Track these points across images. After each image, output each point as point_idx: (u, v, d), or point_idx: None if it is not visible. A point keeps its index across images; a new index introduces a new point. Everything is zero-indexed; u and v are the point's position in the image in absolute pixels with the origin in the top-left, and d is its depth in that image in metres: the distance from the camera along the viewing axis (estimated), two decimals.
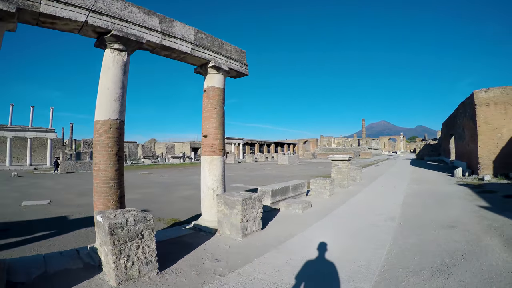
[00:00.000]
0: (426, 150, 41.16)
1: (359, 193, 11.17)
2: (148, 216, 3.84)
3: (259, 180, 17.48)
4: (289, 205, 8.13)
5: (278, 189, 8.77)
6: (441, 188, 12.04)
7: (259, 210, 6.06)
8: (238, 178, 19.41)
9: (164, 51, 5.51)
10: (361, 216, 7.40)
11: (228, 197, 5.72)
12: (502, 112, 14.72)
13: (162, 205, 10.07)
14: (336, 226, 6.58)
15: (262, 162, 43.66)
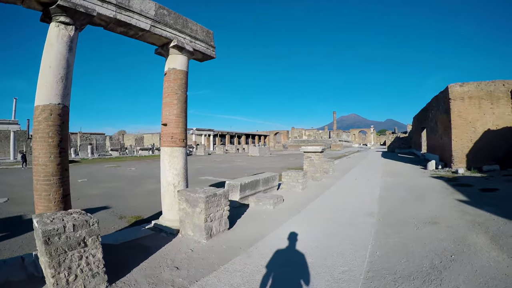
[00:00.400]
0: (397, 143, 42.57)
1: (333, 186, 10.88)
2: (91, 220, 3.27)
3: (229, 173, 17.07)
4: (260, 200, 7.61)
5: (247, 183, 8.21)
6: (416, 181, 12.09)
7: (225, 208, 5.53)
8: (207, 170, 18.94)
9: (119, 28, 4.93)
10: (337, 212, 7.00)
11: (190, 193, 5.13)
12: (476, 107, 15.12)
13: (126, 200, 9.41)
14: (311, 223, 6.11)
15: (233, 154, 43.35)
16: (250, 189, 8.30)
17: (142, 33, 5.23)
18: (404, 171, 15.86)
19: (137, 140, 50.88)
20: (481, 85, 15.18)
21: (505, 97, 15.02)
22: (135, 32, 5.20)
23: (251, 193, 8.29)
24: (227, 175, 15.14)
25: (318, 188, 10.33)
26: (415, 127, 33.64)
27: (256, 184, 8.61)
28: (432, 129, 21.68)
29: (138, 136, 52.48)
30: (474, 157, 14.92)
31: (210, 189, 5.48)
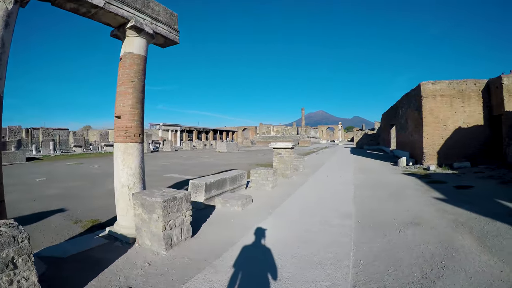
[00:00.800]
0: (365, 139, 43.70)
1: (304, 184, 10.52)
2: (20, 235, 2.61)
3: (195, 170, 16.47)
4: (227, 201, 7.04)
5: (213, 182, 7.60)
6: (388, 177, 12.09)
7: (187, 212, 4.90)
8: (173, 167, 18.29)
9: (69, 3, 4.28)
10: (312, 213, 6.56)
11: (146, 197, 4.51)
12: (448, 105, 15.56)
13: (85, 201, 8.54)
14: (284, 227, 5.59)
15: (200, 150, 42.89)
16: (216, 188, 7.71)
17: (95, 10, 4.56)
18: (375, 168, 15.99)
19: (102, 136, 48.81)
20: (453, 84, 15.63)
21: (476, 96, 15.56)
22: (87, 10, 4.54)
23: (218, 193, 7.71)
24: (194, 173, 14.73)
25: (289, 186, 9.91)
26: (384, 124, 34.61)
27: (222, 183, 8.02)
28: (402, 126, 22.23)
29: (103, 132, 50.31)
30: (445, 154, 15.33)
31: (169, 192, 4.83)
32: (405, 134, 20.85)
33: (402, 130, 22.06)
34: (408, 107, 19.70)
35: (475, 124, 15.46)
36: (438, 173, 13.22)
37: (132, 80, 5.21)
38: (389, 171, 14.52)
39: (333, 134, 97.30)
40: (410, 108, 18.77)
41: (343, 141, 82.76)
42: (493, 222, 5.64)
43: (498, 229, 5.26)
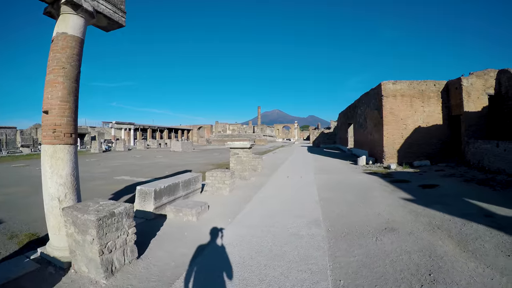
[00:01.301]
0: (322, 138, 44.66)
1: (265, 186, 9.99)
2: None
3: (148, 171, 15.83)
4: (180, 209, 6.26)
5: (164, 188, 6.76)
6: (351, 177, 11.98)
7: (129, 230, 4.10)
8: (125, 168, 17.42)
9: None
10: (276, 221, 6.00)
11: (78, 214, 3.73)
12: (408, 104, 16.08)
13: (26, 211, 7.44)
14: (247, 241, 4.94)
15: (155, 149, 43.03)
16: (167, 195, 6.87)
17: None
18: (335, 167, 15.98)
19: None
20: (413, 84, 16.19)
21: (435, 96, 16.25)
22: None
23: (170, 200, 6.90)
24: (146, 174, 14.18)
25: (248, 189, 9.31)
26: (341, 123, 35.49)
27: (175, 188, 7.19)
28: (360, 125, 22.75)
29: None
30: (405, 152, 15.78)
31: (106, 206, 3.99)
32: (364, 133, 21.33)
33: (361, 129, 22.57)
34: (367, 106, 20.15)
35: (434, 124, 16.13)
36: (400, 172, 13.47)
37: (64, 67, 4.37)
38: (350, 170, 14.54)
39: (289, 133, 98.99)
40: (370, 107, 19.19)
41: (299, 139, 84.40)
42: (469, 224, 5.59)
43: (476, 231, 5.19)
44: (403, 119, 15.96)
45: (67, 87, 4.40)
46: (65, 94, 4.37)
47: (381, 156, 16.28)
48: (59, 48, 4.42)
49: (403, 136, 15.91)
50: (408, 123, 15.97)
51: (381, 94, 16.15)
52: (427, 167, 14.54)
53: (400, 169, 14.26)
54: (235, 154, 10.97)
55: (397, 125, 15.93)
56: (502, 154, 11.69)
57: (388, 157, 15.86)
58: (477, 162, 13.39)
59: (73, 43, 4.49)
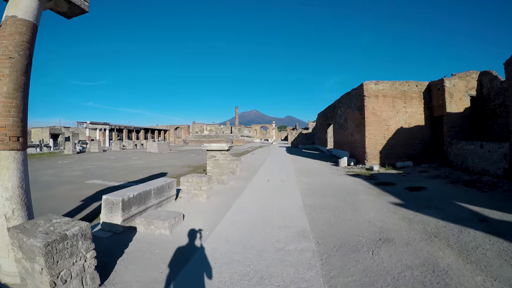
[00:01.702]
0: (300, 138, 44.47)
1: (244, 191, 9.40)
2: None
3: (122, 174, 15.18)
4: (151, 221, 5.59)
5: (133, 197, 6.02)
6: (334, 180, 11.58)
7: (88, 255, 3.43)
8: (98, 171, 16.70)
9: None
10: (259, 233, 5.43)
11: (23, 237, 3.07)
12: (390, 105, 15.97)
13: None
14: (228, 259, 4.35)
15: (130, 150, 42.50)
16: (137, 205, 6.13)
17: None
18: (316, 169, 15.58)
19: None
20: (395, 85, 16.11)
21: (417, 97, 16.25)
22: None
23: (140, 210, 6.17)
24: (120, 178, 13.62)
25: (227, 195, 8.71)
26: (320, 124, 35.37)
27: (146, 197, 6.47)
28: (341, 126, 22.57)
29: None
30: (387, 153, 15.65)
31: (59, 225, 3.32)
32: (344, 134, 21.14)
33: (341, 129, 22.40)
34: (348, 106, 19.96)
35: (416, 125, 16.12)
36: (383, 174, 13.25)
37: (11, 57, 3.75)
38: (332, 172, 14.17)
39: (266, 133, 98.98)
40: (351, 108, 18.98)
41: (277, 140, 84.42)
42: (466, 230, 5.33)
43: (475, 238, 4.93)
44: (385, 120, 15.82)
45: (14, 80, 3.74)
46: (11, 90, 3.70)
47: (363, 157, 16.07)
48: (6, 34, 3.82)
49: (385, 137, 15.78)
50: (390, 124, 15.86)
51: (363, 95, 15.94)
52: (410, 168, 14.43)
53: (383, 171, 14.07)
54: (212, 156, 10.33)
55: (379, 125, 15.77)
56: (487, 155, 11.66)
57: (370, 158, 15.67)
58: (460, 163, 13.41)
59: (23, 29, 3.87)
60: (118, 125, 60.17)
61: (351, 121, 18.87)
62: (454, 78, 14.98)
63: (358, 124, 17.19)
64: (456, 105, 14.83)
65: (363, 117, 16.03)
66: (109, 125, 56.02)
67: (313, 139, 43.51)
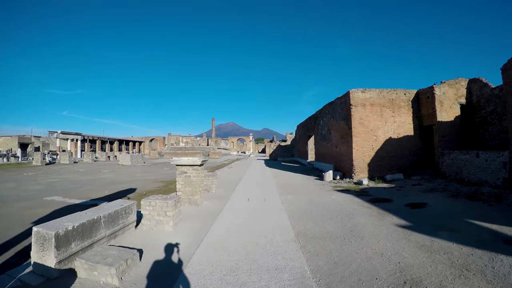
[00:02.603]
0: (279, 151, 43.31)
1: (221, 214, 7.97)
2: None
3: (87, 189, 13.93)
4: (94, 265, 4.13)
5: (74, 230, 4.48)
6: (324, 198, 10.34)
7: None
8: (62, 186, 15.41)
9: None
10: (244, 283, 4.01)
11: None
12: (378, 114, 15.12)
13: None
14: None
15: (102, 162, 40.91)
16: (80, 239, 4.58)
17: None
18: (300, 184, 14.32)
19: None
20: (383, 93, 15.32)
21: (406, 105, 15.53)
22: None
23: (84, 246, 4.63)
24: (83, 194, 12.43)
25: (200, 220, 7.24)
26: (300, 135, 34.41)
27: (93, 227, 4.92)
28: (323, 137, 21.53)
29: None
30: (376, 166, 14.73)
31: None
32: (327, 146, 20.10)
33: (324, 141, 21.35)
34: (331, 116, 18.96)
35: (405, 135, 15.35)
36: (374, 188, 12.25)
37: None
38: (319, 188, 12.93)
39: (243, 145, 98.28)
40: (335, 118, 17.98)
41: (254, 152, 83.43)
42: (497, 257, 4.51)
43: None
44: (373, 130, 14.91)
45: None
46: None
47: (350, 170, 15.01)
48: None
49: (374, 148, 14.84)
50: (378, 134, 14.96)
51: (350, 103, 14.97)
52: (401, 181, 13.54)
53: (373, 185, 13.05)
54: (183, 172, 8.86)
55: (367, 136, 14.82)
56: (484, 165, 10.88)
57: (358, 171, 14.63)
58: (454, 174, 12.68)
59: None
60: (92, 136, 59.47)
61: (336, 132, 17.86)
62: (443, 86, 14.42)
63: (343, 135, 16.19)
64: (447, 114, 14.26)
65: (350, 127, 15.03)
66: (81, 136, 54.47)
67: (292, 152, 42.56)
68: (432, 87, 14.53)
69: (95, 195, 11.92)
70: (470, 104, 14.49)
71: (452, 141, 14.17)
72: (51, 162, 36.88)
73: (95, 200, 10.54)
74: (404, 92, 15.69)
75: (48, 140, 53.15)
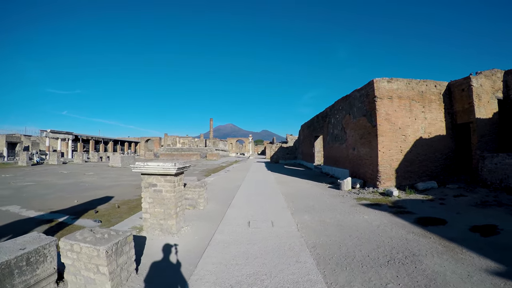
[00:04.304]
0: (281, 153, 40.54)
1: (207, 253, 5.30)
2: None
3: (57, 196, 11.84)
4: None
5: None
6: (354, 219, 7.64)
7: None
8: (32, 190, 13.57)
9: None
10: None
11: None
12: (407, 110, 12.60)
13: None
14: None
15: (93, 163, 39.28)
16: None
17: None
18: (314, 195, 11.50)
19: None
20: (411, 84, 12.75)
21: (437, 100, 13.05)
22: None
23: None
24: (48, 203, 10.42)
25: (169, 270, 4.59)
26: (305, 136, 31.62)
27: None
28: (335, 137, 18.67)
29: None
30: (405, 172, 12.16)
31: None
32: (341, 147, 17.33)
33: (336, 142, 18.52)
34: (347, 113, 16.12)
35: (437, 134, 12.83)
36: (408, 201, 9.69)
37: None
38: (339, 201, 10.18)
39: (242, 147, 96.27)
40: (353, 114, 15.16)
41: (253, 154, 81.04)
42: None
43: None
44: (402, 129, 12.33)
45: None
46: None
47: (374, 177, 12.38)
48: None
49: (402, 150, 12.27)
50: (407, 134, 12.40)
51: (374, 95, 12.31)
52: (436, 190, 11.03)
53: (405, 196, 10.48)
54: (151, 185, 6.06)
55: (395, 136, 12.22)
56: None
57: (384, 178, 12.00)
58: (498, 182, 10.26)
59: None
60: (86, 135, 57.90)
61: (353, 131, 15.12)
62: (480, 77, 11.96)
63: (364, 135, 13.54)
64: (485, 110, 11.81)
65: (374, 124, 12.40)
66: (72, 135, 52.59)
67: (295, 154, 39.88)
68: (468, 78, 12.05)
69: (61, 205, 9.93)
70: (507, 99, 12.13)
71: (491, 142, 11.75)
72: (38, 163, 35.44)
73: (55, 214, 8.62)
74: (434, 83, 13.15)
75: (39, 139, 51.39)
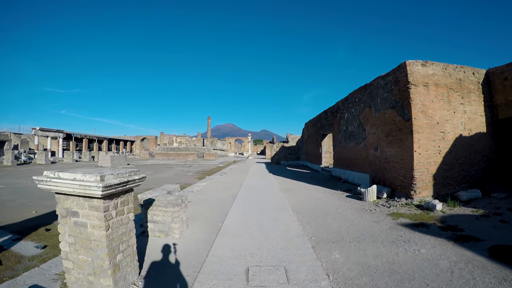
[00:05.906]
0: (282, 153, 38.14)
1: None
2: None
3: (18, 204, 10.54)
4: None
5: None
6: (406, 257, 5.44)
7: None
8: None
9: None
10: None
11: None
12: (445, 100, 10.21)
13: None
14: None
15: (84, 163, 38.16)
16: None
17: None
18: (334, 210, 9.20)
19: None
20: (448, 69, 10.37)
21: (476, 90, 10.81)
22: None
23: None
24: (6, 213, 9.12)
25: None
26: (309, 135, 29.15)
27: None
28: (350, 135, 16.06)
29: None
30: (444, 177, 9.87)
31: None
32: (358, 147, 14.78)
33: (351, 140, 15.89)
34: (366, 105, 13.42)
35: (477, 132, 10.61)
36: (457, 217, 7.58)
37: None
38: (369, 219, 7.97)
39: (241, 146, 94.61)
40: (374, 107, 12.53)
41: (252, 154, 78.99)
42: None
43: None
44: (440, 124, 9.98)
45: None
46: None
47: (408, 184, 9.89)
48: None
49: (441, 151, 9.91)
50: (446, 130, 10.07)
51: (407, 81, 9.77)
52: (482, 201, 8.99)
53: (449, 210, 8.33)
54: (70, 214, 3.68)
55: (432, 132, 9.83)
56: None
57: (420, 186, 9.57)
58: None
59: None
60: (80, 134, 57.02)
61: (375, 127, 12.48)
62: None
63: (392, 131, 10.97)
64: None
65: (407, 118, 9.89)
66: (63, 133, 51.21)
67: (298, 154, 37.56)
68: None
69: (14, 217, 8.46)
70: None
71: None
72: (25, 162, 34.29)
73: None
74: (472, 70, 10.88)
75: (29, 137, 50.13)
